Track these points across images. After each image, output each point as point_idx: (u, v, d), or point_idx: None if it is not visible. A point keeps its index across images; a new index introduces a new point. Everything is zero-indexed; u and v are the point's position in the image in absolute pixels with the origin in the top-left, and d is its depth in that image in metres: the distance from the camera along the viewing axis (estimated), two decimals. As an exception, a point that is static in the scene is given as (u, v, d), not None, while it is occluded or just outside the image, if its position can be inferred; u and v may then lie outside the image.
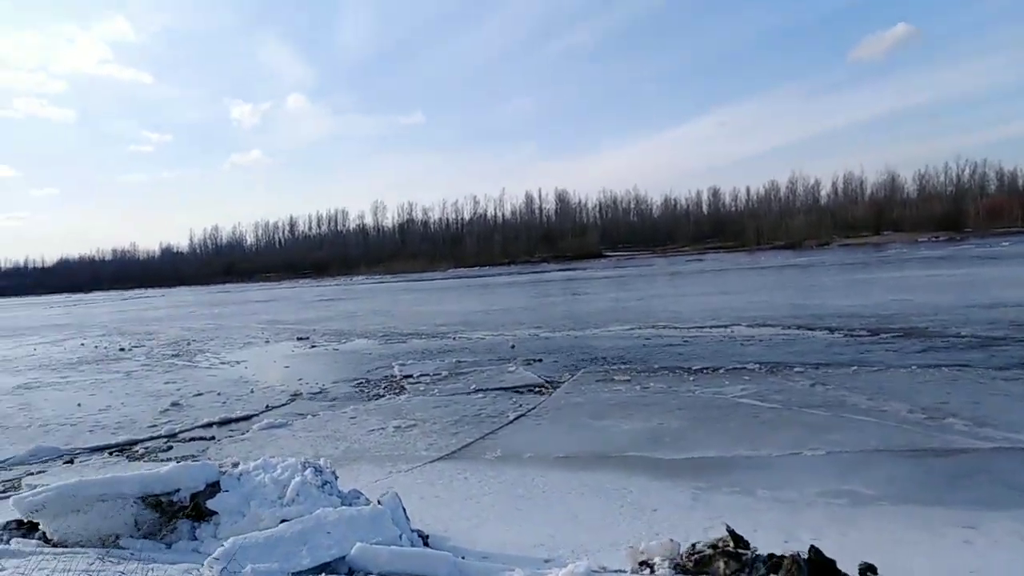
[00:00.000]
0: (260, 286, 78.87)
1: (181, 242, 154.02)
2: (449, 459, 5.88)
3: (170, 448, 7.37)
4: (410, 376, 10.94)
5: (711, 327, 14.21)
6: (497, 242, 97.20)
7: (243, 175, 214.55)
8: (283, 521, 3.55)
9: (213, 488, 3.85)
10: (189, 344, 19.15)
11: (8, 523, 4.15)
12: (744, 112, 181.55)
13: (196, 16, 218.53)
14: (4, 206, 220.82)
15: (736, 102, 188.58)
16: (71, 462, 7.07)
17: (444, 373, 10.98)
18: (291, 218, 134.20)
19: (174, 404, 10.13)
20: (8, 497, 5.59)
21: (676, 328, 14.48)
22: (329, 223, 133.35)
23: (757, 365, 9.42)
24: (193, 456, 6.79)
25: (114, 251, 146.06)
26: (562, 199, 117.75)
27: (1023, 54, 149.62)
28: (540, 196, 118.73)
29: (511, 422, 7.04)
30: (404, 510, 3.72)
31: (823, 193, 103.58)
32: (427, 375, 10.95)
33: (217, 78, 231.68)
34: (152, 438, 8.05)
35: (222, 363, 14.50)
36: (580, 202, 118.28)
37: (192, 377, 12.73)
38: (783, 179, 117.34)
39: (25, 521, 4.06)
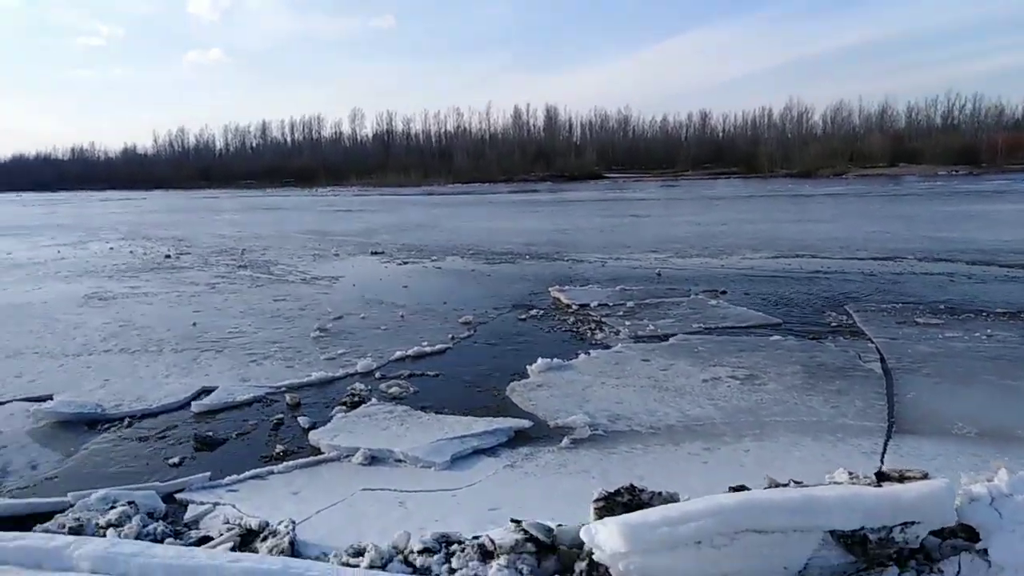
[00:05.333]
0: (248, 193, 75.14)
1: (144, 142, 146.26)
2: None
3: (412, 397, 5.69)
4: (587, 305, 9.37)
5: (874, 259, 12.82)
6: (491, 158, 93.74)
7: (205, 74, 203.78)
8: None
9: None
10: (243, 254, 17.18)
11: (519, 543, 2.56)
12: (724, 34, 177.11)
13: None
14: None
15: (717, 22, 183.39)
16: (296, 407, 5.40)
17: (629, 304, 9.45)
18: (263, 123, 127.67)
19: (321, 330, 8.46)
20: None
21: (832, 259, 13.10)
22: (304, 130, 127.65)
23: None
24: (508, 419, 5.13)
25: (72, 150, 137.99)
26: (551, 115, 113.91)
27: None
28: (528, 111, 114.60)
29: (902, 378, 5.53)
30: None
31: (814, 120, 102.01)
32: (606, 306, 9.40)
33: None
34: (354, 375, 6.41)
35: (317, 278, 12.73)
36: (570, 119, 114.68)
37: (300, 294, 10.99)
38: (777, 105, 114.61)
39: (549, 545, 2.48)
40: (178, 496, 3.75)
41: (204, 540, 3.16)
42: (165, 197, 69.76)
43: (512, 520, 2.76)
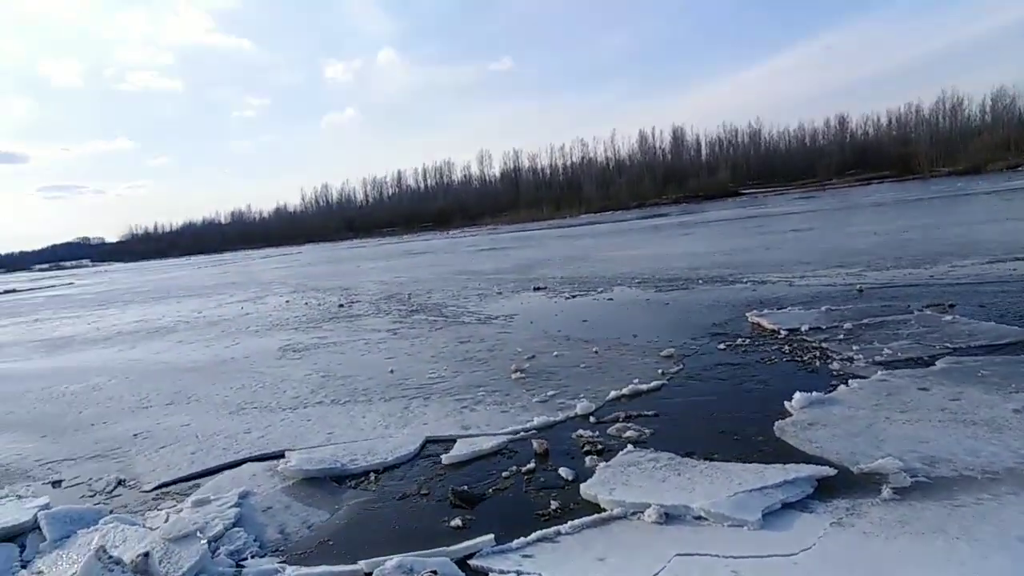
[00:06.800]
0: (392, 240, 78.83)
1: (292, 201, 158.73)
2: None
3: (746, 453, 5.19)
4: (797, 331, 8.56)
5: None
6: (621, 185, 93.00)
7: (341, 133, 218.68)
8: None
9: None
10: (410, 298, 17.54)
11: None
12: (855, 33, 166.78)
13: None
14: (126, 176, 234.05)
15: (844, 24, 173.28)
16: (545, 456, 5.04)
17: (846, 325, 8.54)
18: (398, 172, 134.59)
19: (520, 371, 8.22)
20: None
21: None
22: (436, 175, 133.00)
23: None
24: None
25: (232, 213, 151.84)
26: (677, 136, 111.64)
27: None
28: (654, 134, 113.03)
29: None
30: None
31: (968, 112, 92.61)
32: (819, 329, 8.55)
33: (310, 39, 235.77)
34: (574, 418, 6.10)
35: (491, 318, 12.64)
36: (697, 137, 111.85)
37: (482, 335, 10.88)
38: (927, 100, 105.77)
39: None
40: (471, 563, 3.48)
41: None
42: (316, 249, 74.53)
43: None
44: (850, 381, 5.97)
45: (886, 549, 3.14)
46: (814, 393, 5.45)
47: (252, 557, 3.83)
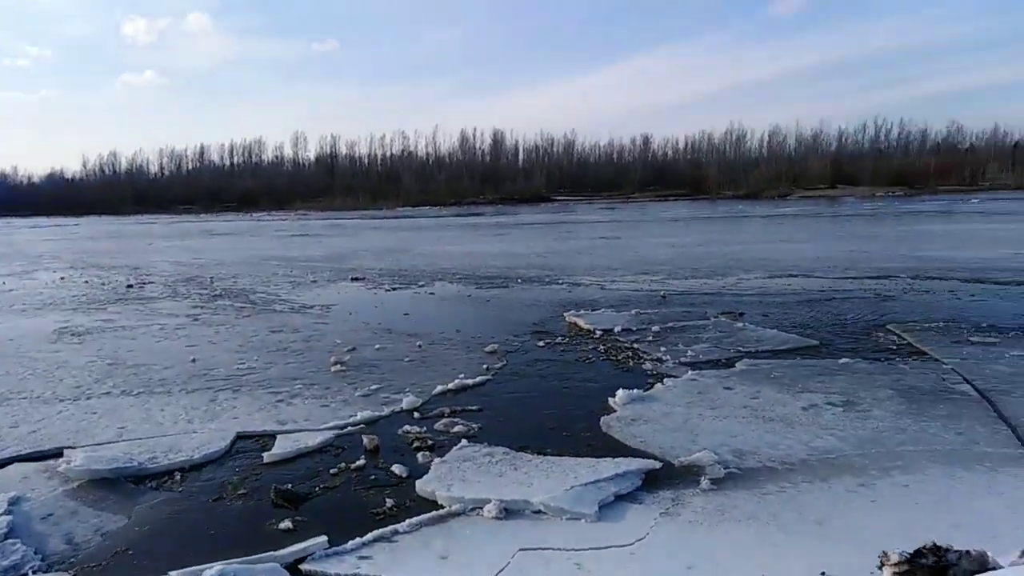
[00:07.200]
0: (190, 218, 72.52)
1: (72, 166, 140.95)
2: None
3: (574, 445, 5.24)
4: (610, 331, 9.10)
5: (869, 278, 13.10)
6: (440, 182, 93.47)
7: (138, 97, 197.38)
8: None
9: None
10: (212, 282, 16.30)
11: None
12: (663, 60, 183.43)
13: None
14: None
15: (654, 50, 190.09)
16: (376, 452, 4.88)
17: (654, 328, 9.22)
18: (201, 146, 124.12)
19: (340, 363, 7.90)
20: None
21: (827, 279, 13.31)
22: (244, 153, 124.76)
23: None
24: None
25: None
26: (497, 139, 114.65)
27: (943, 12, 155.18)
28: (475, 135, 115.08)
29: (1001, 400, 5.40)
30: None
31: (750, 145, 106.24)
32: (630, 331, 9.16)
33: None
34: (400, 412, 6.00)
35: (306, 307, 12.08)
36: (516, 142, 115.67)
37: (296, 325, 10.37)
38: (717, 130, 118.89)
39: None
40: (304, 568, 3.22)
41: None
42: (99, 223, 66.63)
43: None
44: (664, 380, 6.41)
45: (710, 536, 3.38)
46: (635, 390, 5.77)
47: (33, 572, 3.26)
